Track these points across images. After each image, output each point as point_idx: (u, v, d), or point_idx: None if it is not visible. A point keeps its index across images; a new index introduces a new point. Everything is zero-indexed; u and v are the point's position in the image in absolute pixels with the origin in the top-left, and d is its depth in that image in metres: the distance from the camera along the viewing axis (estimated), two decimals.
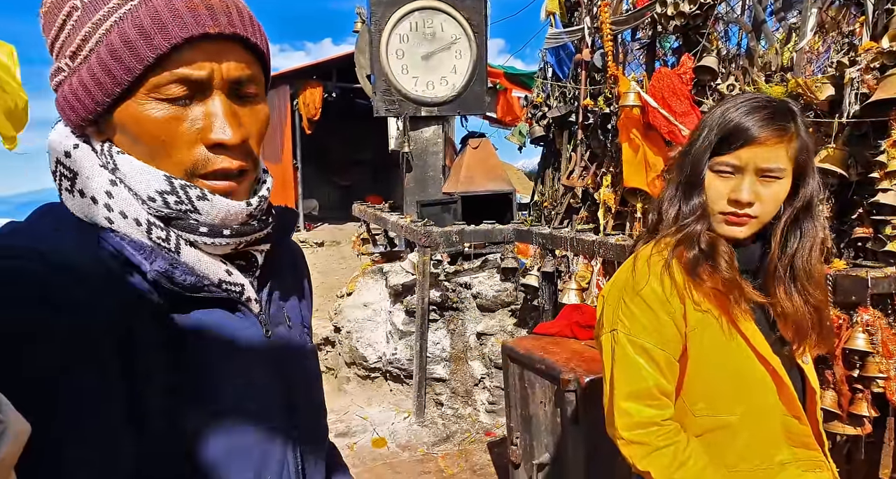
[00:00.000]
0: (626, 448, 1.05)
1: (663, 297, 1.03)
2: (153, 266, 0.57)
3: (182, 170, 0.59)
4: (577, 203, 3.75)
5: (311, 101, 9.17)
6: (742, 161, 1.01)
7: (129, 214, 0.58)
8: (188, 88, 0.57)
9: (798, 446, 1.08)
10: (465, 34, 4.48)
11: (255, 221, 0.65)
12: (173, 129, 0.58)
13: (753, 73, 2.29)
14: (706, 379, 1.05)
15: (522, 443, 2.57)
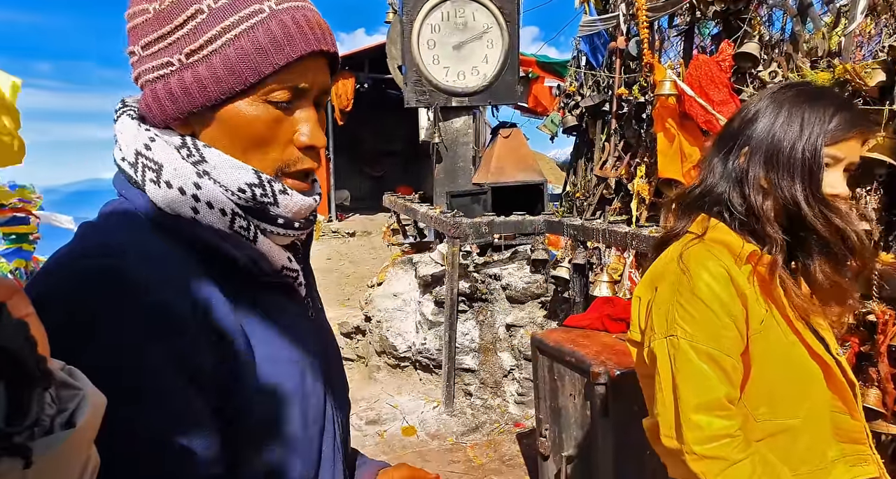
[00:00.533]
0: (699, 464, 0.97)
1: (724, 298, 0.98)
2: (241, 254, 0.63)
3: (273, 167, 0.65)
4: (610, 194, 3.69)
5: (343, 92, 9.24)
6: (843, 153, 0.98)
7: (216, 205, 0.62)
8: (293, 95, 0.64)
9: (846, 441, 1.05)
10: (497, 23, 4.43)
11: (313, 215, 0.72)
12: (274, 129, 0.64)
13: (798, 60, 2.20)
14: (769, 382, 1.01)
15: (551, 435, 2.57)
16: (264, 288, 0.67)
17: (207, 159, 0.63)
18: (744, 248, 1.01)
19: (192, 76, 0.61)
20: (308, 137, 0.65)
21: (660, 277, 1.08)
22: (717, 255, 1.02)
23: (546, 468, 2.64)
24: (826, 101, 0.99)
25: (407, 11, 4.32)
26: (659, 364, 1.04)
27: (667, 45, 3.33)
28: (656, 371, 1.04)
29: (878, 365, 1.49)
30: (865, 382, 1.56)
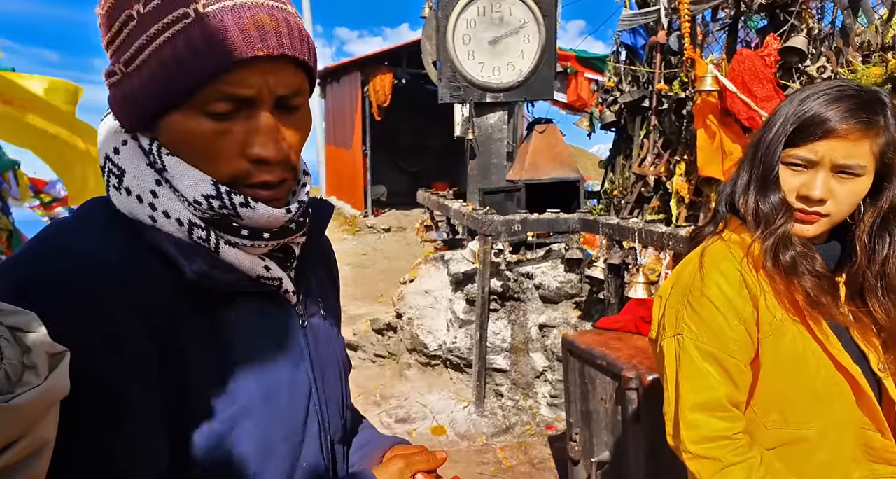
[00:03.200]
0: (694, 464, 0.98)
1: (734, 300, 0.97)
2: (192, 267, 0.59)
3: (226, 180, 0.61)
4: (648, 192, 3.60)
5: (381, 87, 9.31)
6: (818, 155, 0.93)
7: (172, 215, 0.60)
8: (234, 104, 0.58)
9: (878, 462, 1.00)
10: (534, 18, 4.36)
11: (294, 224, 0.67)
12: (217, 142, 0.59)
13: (848, 54, 2.08)
14: (780, 389, 0.98)
15: (582, 439, 2.53)
16: (240, 296, 0.64)
17: (167, 168, 0.60)
18: (752, 244, 0.98)
19: (129, 87, 0.59)
20: (256, 149, 0.59)
21: (678, 275, 1.07)
22: (734, 254, 1.00)
23: (576, 473, 2.60)
24: (812, 100, 0.94)
25: (443, 6, 4.30)
26: (666, 362, 1.04)
27: (709, 40, 3.21)
28: (664, 369, 1.04)
29: None
30: None
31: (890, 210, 0.98)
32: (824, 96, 0.94)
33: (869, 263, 0.98)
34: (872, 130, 0.91)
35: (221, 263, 0.62)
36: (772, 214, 0.96)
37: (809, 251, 0.96)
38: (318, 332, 0.73)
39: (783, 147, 0.96)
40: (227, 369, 0.61)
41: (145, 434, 0.56)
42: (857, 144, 0.91)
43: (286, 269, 0.69)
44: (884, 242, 0.98)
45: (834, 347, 0.96)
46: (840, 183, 0.93)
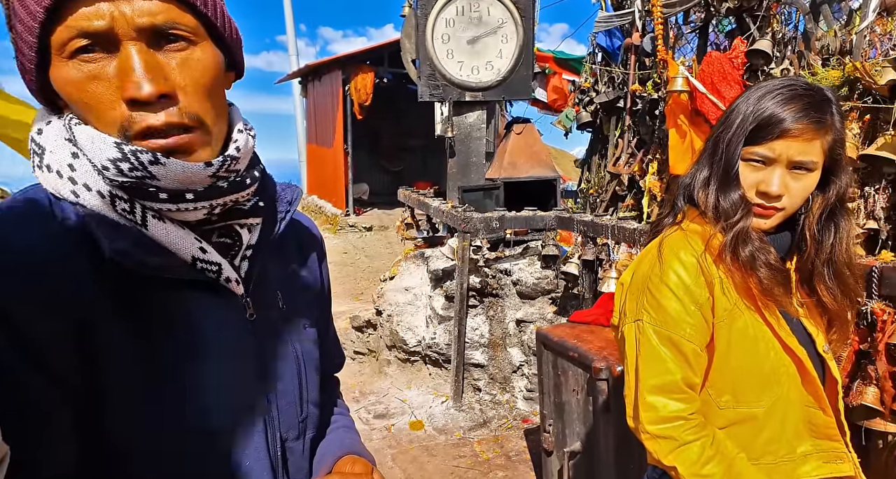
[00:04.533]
0: (651, 443, 1.02)
1: (691, 286, 1.01)
2: (113, 245, 0.55)
3: (115, 133, 0.56)
4: (622, 191, 3.67)
5: (362, 86, 9.30)
6: (775, 153, 0.98)
7: (93, 187, 0.56)
8: (92, 40, 0.54)
9: (820, 437, 1.06)
10: (512, 18, 4.42)
11: (225, 182, 0.61)
12: (92, 89, 0.55)
13: (810, 57, 2.17)
14: (733, 371, 1.03)
15: (555, 430, 2.58)
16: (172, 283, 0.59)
17: (77, 137, 0.57)
18: (712, 236, 1.03)
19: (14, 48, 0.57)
20: (126, 89, 0.54)
21: (639, 264, 1.11)
22: (692, 243, 1.05)
23: (549, 464, 2.66)
24: (768, 99, 0.99)
25: (422, 5, 4.33)
26: (626, 347, 1.08)
27: (682, 42, 3.30)
28: (624, 354, 1.09)
29: (877, 363, 1.48)
30: (864, 380, 1.55)
31: (836, 202, 1.04)
32: (779, 96, 0.99)
33: (817, 251, 1.04)
34: (823, 128, 0.97)
35: (148, 241, 0.57)
36: (732, 209, 1.00)
37: (766, 245, 1.01)
38: (271, 325, 0.68)
39: (743, 145, 1.01)
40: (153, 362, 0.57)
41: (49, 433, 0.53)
42: (810, 142, 0.97)
43: (230, 256, 0.64)
44: (830, 231, 1.04)
45: (783, 330, 1.02)
46: (794, 179, 0.99)
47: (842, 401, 1.10)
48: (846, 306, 1.06)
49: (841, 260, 1.04)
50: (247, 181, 0.63)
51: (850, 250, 1.05)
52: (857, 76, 1.81)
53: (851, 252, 1.05)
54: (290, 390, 0.70)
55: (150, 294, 0.58)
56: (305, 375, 0.72)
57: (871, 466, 1.69)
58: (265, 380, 0.66)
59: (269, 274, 0.70)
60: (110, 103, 0.55)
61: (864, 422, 1.56)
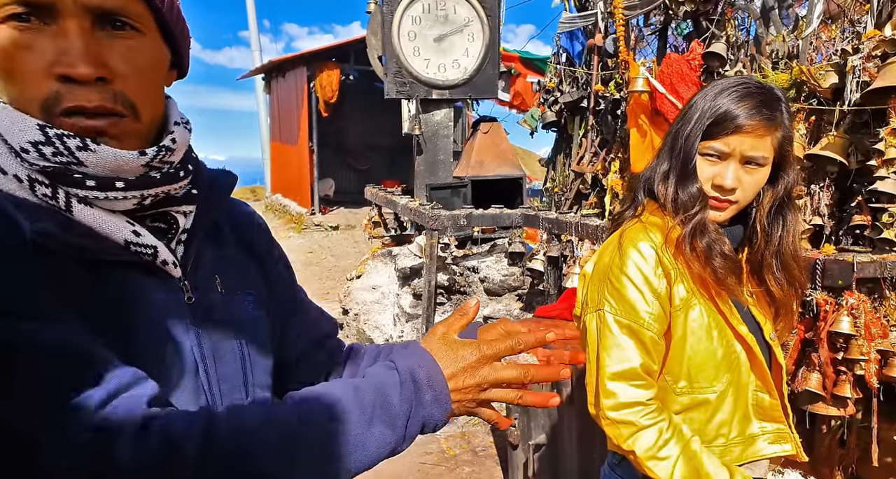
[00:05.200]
0: (611, 428, 1.06)
1: (650, 277, 1.06)
2: (34, 226, 0.52)
3: (38, 107, 0.54)
4: (586, 189, 3.75)
5: (328, 83, 9.22)
6: (730, 147, 1.03)
7: (9, 170, 0.54)
8: (32, 10, 0.52)
9: (767, 419, 1.12)
10: (478, 17, 4.46)
11: (158, 173, 0.60)
12: (20, 58, 0.52)
13: (761, 61, 2.27)
14: (689, 358, 1.08)
15: (521, 424, 2.63)
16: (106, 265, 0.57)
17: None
18: (671, 228, 1.08)
19: None
20: (61, 65, 0.52)
21: (601, 255, 1.15)
22: (651, 235, 1.09)
23: (515, 458, 2.70)
24: (723, 96, 1.04)
25: (388, 2, 4.33)
26: (588, 336, 1.12)
27: (642, 44, 3.40)
28: (586, 342, 1.12)
29: (819, 351, 1.57)
30: (808, 367, 1.64)
31: (784, 196, 1.10)
32: (734, 93, 1.04)
33: (767, 243, 1.10)
34: (773, 125, 1.03)
35: (75, 224, 0.55)
36: (690, 202, 1.05)
37: (721, 236, 1.06)
38: (210, 308, 0.66)
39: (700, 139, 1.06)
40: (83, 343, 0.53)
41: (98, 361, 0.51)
42: (761, 138, 1.03)
43: (167, 240, 0.63)
44: (779, 223, 1.10)
45: (734, 318, 1.07)
46: (747, 173, 1.05)
47: (786, 385, 1.17)
48: (792, 295, 1.13)
49: (788, 252, 1.10)
50: (180, 173, 0.63)
51: (796, 243, 1.12)
52: (803, 79, 1.90)
53: (798, 244, 1.12)
54: (232, 374, 0.68)
55: (84, 276, 0.56)
56: (249, 358, 0.70)
57: (815, 448, 1.78)
58: (206, 364, 0.65)
59: (206, 259, 0.69)
60: (38, 76, 0.53)
61: (809, 407, 1.65)
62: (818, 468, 1.78)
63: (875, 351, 1.47)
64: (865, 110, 1.77)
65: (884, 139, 1.67)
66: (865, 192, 1.76)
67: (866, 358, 1.46)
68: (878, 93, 1.67)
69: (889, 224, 1.65)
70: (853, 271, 1.50)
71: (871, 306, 1.49)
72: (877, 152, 1.69)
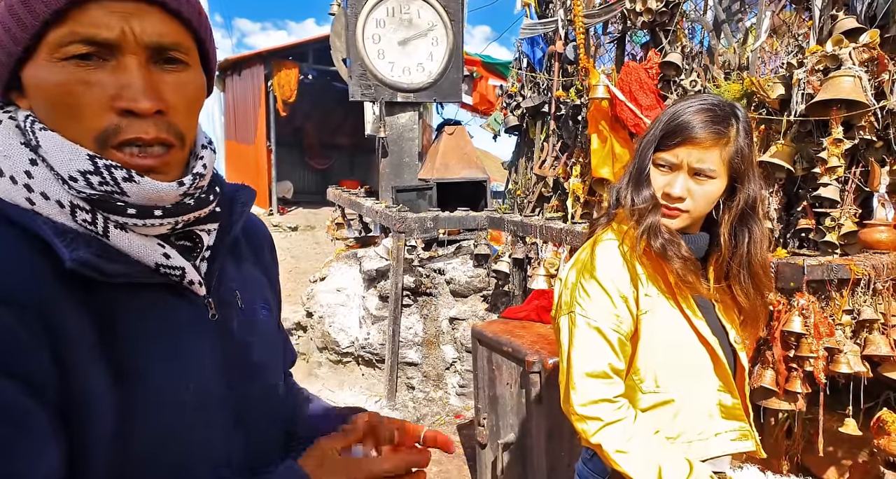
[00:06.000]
0: (580, 423, 1.12)
1: (618, 281, 1.12)
2: (73, 255, 0.53)
3: (92, 139, 0.56)
4: (548, 192, 3.84)
5: (286, 82, 9.06)
6: (678, 159, 1.10)
7: (52, 196, 0.55)
8: (95, 48, 0.54)
9: (729, 418, 1.19)
10: (442, 22, 4.50)
11: (192, 199, 0.62)
12: (80, 93, 0.55)
13: (714, 71, 2.39)
14: (654, 359, 1.14)
15: (489, 424, 2.67)
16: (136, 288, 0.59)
17: (41, 143, 0.56)
18: (628, 230, 1.15)
19: None
20: (124, 99, 0.55)
21: (575, 261, 1.21)
22: (620, 242, 1.16)
23: (483, 456, 2.74)
24: (680, 110, 1.11)
25: (351, 4, 4.31)
26: (561, 337, 1.17)
27: (602, 52, 3.51)
28: (560, 343, 1.18)
29: (773, 349, 1.68)
30: (763, 364, 1.74)
31: (746, 208, 1.16)
32: (689, 109, 1.11)
33: (732, 253, 1.16)
34: (722, 139, 1.09)
35: (111, 250, 0.56)
36: (644, 207, 1.12)
37: (675, 238, 1.12)
38: (231, 323, 0.68)
39: (654, 151, 1.13)
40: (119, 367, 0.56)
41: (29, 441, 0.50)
42: (708, 150, 1.09)
43: (192, 259, 0.64)
44: (743, 235, 1.17)
45: (698, 320, 1.14)
46: (697, 184, 1.11)
47: (748, 386, 1.25)
48: (758, 302, 1.20)
49: (756, 262, 1.17)
50: (210, 197, 0.65)
51: (764, 253, 1.18)
52: (753, 90, 2.02)
53: (765, 254, 1.19)
54: (254, 386, 0.70)
55: (111, 299, 0.57)
56: (267, 372, 0.73)
57: (765, 440, 1.90)
58: (230, 378, 0.66)
59: (227, 275, 0.71)
60: (98, 109, 0.55)
61: (763, 402, 1.76)
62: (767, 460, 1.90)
63: (823, 348, 1.59)
64: (810, 121, 1.89)
65: (826, 148, 1.79)
66: (810, 197, 1.89)
67: (815, 355, 1.57)
68: (821, 105, 1.80)
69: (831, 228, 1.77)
70: (804, 274, 1.61)
71: (818, 306, 1.61)
72: (820, 160, 1.82)
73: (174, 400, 0.60)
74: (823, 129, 1.86)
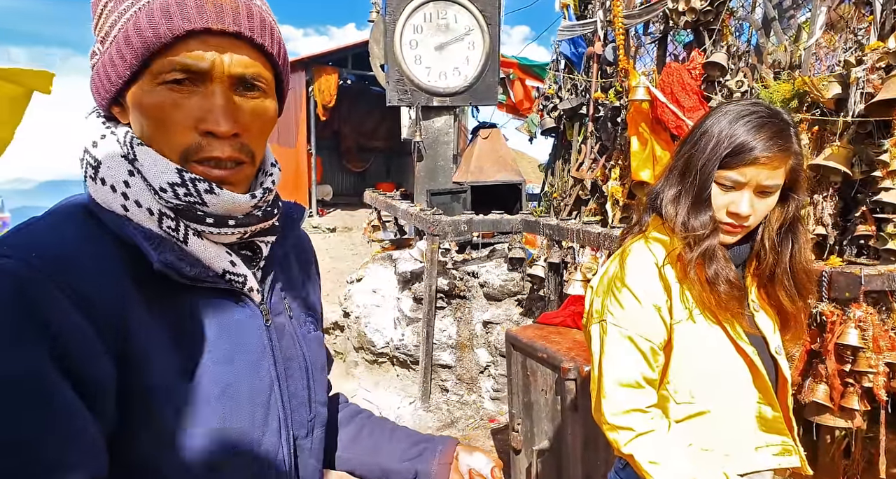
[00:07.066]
0: (611, 432, 1.09)
1: (651, 290, 1.08)
2: (160, 257, 0.60)
3: (178, 153, 0.63)
4: (585, 195, 3.78)
5: (326, 87, 9.21)
6: (746, 178, 1.05)
7: (144, 204, 0.62)
8: (189, 76, 0.61)
9: (770, 432, 1.14)
10: (479, 25, 4.49)
11: (260, 211, 0.69)
12: (171, 114, 0.62)
13: (762, 70, 2.30)
14: (689, 369, 1.10)
15: (523, 429, 2.63)
16: (203, 291, 0.65)
17: (139, 157, 0.63)
18: (674, 246, 1.10)
19: (102, 63, 0.63)
20: (207, 122, 0.62)
21: (607, 268, 1.18)
22: (654, 250, 1.12)
23: (518, 462, 2.71)
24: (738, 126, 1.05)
25: (390, 12, 4.35)
26: (592, 345, 1.15)
27: (642, 52, 3.42)
28: (591, 351, 1.16)
29: (826, 362, 1.59)
30: (815, 378, 1.65)
31: (796, 213, 1.12)
32: (748, 123, 1.05)
33: (776, 260, 1.12)
34: (788, 155, 1.05)
35: (188, 255, 0.63)
36: (700, 228, 1.07)
37: (728, 263, 1.08)
38: (282, 330, 0.73)
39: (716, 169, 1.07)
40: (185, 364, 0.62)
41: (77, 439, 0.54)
42: (776, 169, 1.05)
43: (252, 267, 0.70)
44: (789, 241, 1.13)
45: (736, 332, 1.09)
46: (760, 199, 1.07)
47: (791, 398, 1.18)
48: (802, 308, 1.15)
49: (800, 267, 1.13)
50: (274, 210, 0.72)
51: (808, 258, 1.14)
52: (805, 90, 1.93)
53: (809, 258, 1.14)
54: (301, 392, 0.75)
55: (183, 301, 0.64)
56: (313, 377, 0.77)
57: (819, 459, 1.80)
58: (280, 382, 0.71)
59: (278, 284, 0.76)
60: (185, 128, 0.63)
61: (815, 418, 1.67)
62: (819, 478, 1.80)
63: (883, 363, 1.49)
64: (869, 121, 1.79)
65: (888, 150, 1.69)
66: (870, 202, 1.78)
67: (875, 371, 1.48)
68: (882, 104, 1.70)
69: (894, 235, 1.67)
70: (861, 284, 1.51)
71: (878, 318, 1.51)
72: (882, 163, 1.71)
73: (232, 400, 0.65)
74: (885, 130, 1.76)
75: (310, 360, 0.77)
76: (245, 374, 0.66)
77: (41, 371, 0.53)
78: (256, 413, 0.67)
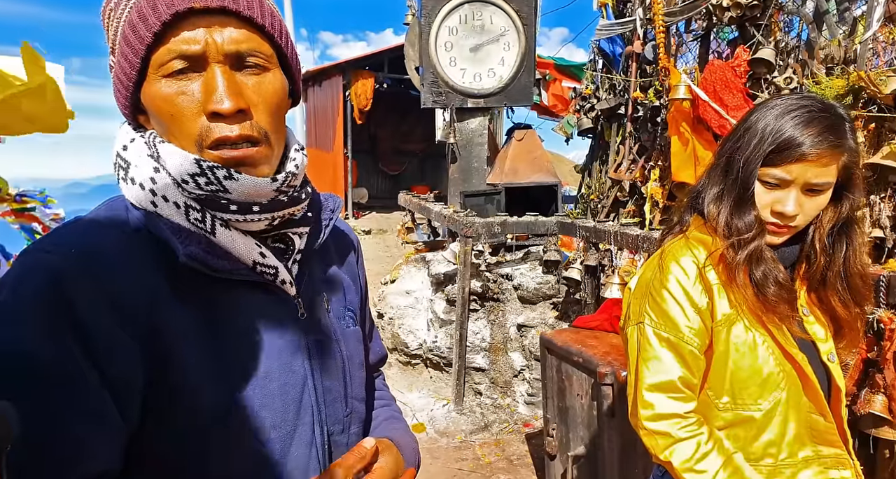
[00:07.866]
0: (648, 439, 1.05)
1: (691, 292, 1.04)
2: (185, 250, 0.61)
3: (193, 143, 0.63)
4: (624, 197, 3.70)
5: (362, 91, 9.33)
6: (792, 175, 0.99)
7: (170, 198, 0.63)
8: (188, 62, 0.61)
9: (822, 443, 1.07)
10: (514, 26, 4.46)
11: (286, 196, 0.67)
12: (179, 103, 0.62)
13: (813, 66, 2.20)
14: (731, 374, 1.05)
15: (558, 435, 2.59)
16: (234, 284, 0.65)
17: (160, 153, 0.64)
18: (716, 247, 1.05)
19: (115, 72, 0.65)
20: (210, 103, 0.61)
21: (645, 270, 1.14)
22: (694, 251, 1.08)
23: (553, 468, 2.66)
24: (785, 120, 0.99)
25: (425, 14, 4.36)
26: (629, 348, 1.11)
27: (683, 50, 3.33)
28: (627, 355, 1.12)
29: (884, 371, 1.50)
30: (872, 388, 1.56)
31: (851, 214, 1.05)
32: (797, 117, 0.98)
33: (828, 263, 1.06)
34: (839, 151, 0.98)
35: (216, 247, 0.63)
36: (746, 229, 1.02)
37: (777, 264, 1.03)
38: (318, 324, 0.72)
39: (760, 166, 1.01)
40: (217, 357, 0.62)
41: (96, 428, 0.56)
42: (826, 166, 0.98)
43: (285, 260, 0.69)
44: (842, 243, 1.06)
45: (783, 336, 1.04)
46: (808, 198, 1.00)
47: (845, 409, 1.11)
48: (857, 314, 1.08)
49: (855, 271, 1.06)
50: (302, 196, 0.70)
51: (863, 261, 1.07)
52: (861, 85, 1.83)
53: (864, 262, 1.08)
54: (336, 387, 0.74)
55: (215, 294, 0.64)
56: (349, 373, 0.76)
57: (877, 474, 1.70)
58: (314, 377, 0.70)
59: (315, 278, 0.75)
60: (192, 116, 0.62)
61: (872, 431, 1.57)
62: None
63: None
64: None
65: None
66: None
67: None
68: None
69: None
70: None
71: None
72: None
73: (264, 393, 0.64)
74: None
75: (346, 355, 0.76)
76: (276, 368, 0.66)
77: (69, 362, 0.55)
78: (289, 407, 0.67)
